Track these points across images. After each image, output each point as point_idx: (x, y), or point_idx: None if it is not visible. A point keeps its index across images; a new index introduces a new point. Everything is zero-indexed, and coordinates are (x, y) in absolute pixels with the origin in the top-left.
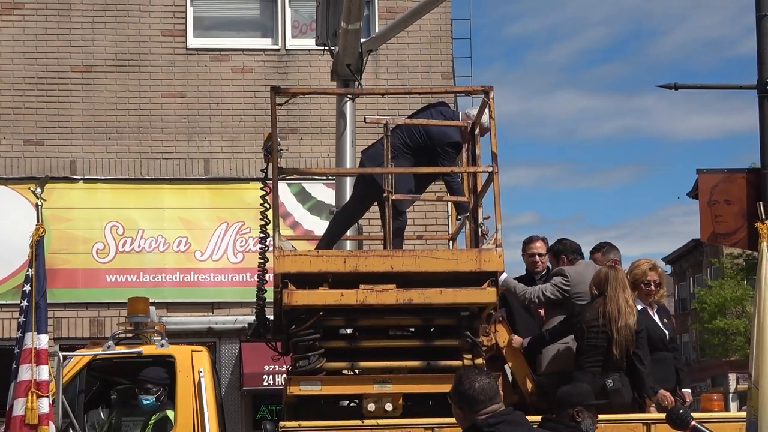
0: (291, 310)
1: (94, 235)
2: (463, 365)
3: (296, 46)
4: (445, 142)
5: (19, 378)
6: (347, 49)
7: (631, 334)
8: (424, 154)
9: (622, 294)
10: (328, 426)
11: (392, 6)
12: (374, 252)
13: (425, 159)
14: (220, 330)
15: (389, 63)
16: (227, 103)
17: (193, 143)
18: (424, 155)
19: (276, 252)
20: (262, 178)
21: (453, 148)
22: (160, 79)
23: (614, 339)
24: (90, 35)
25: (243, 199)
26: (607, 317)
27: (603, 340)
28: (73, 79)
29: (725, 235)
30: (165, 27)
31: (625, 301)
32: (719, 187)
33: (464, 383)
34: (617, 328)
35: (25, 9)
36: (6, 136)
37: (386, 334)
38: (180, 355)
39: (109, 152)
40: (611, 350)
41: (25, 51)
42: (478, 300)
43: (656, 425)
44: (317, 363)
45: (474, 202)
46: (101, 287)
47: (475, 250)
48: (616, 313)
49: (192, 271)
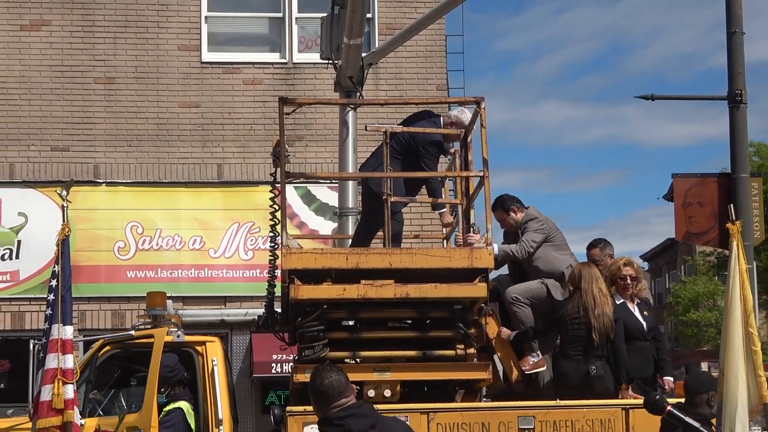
0: (297, 303)
1: (115, 235)
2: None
3: (302, 60)
4: (427, 141)
5: (46, 366)
6: (349, 63)
7: (610, 321)
8: (411, 154)
9: (596, 285)
10: None
11: (391, 23)
12: (374, 250)
13: (412, 159)
14: (232, 322)
15: (388, 75)
16: (238, 113)
17: (207, 149)
18: (411, 156)
19: (284, 250)
20: (270, 181)
21: (434, 147)
22: (176, 90)
23: (593, 326)
24: (112, 50)
25: (253, 201)
26: (585, 308)
27: (583, 330)
28: (96, 90)
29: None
30: (181, 42)
31: (599, 291)
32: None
33: (316, 379)
34: (595, 316)
35: (52, 25)
36: (34, 143)
37: (385, 326)
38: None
39: (130, 158)
40: (591, 337)
41: (52, 64)
42: (469, 294)
43: (634, 410)
44: (321, 352)
45: (466, 203)
46: (122, 282)
47: (467, 249)
48: (592, 303)
49: (206, 267)
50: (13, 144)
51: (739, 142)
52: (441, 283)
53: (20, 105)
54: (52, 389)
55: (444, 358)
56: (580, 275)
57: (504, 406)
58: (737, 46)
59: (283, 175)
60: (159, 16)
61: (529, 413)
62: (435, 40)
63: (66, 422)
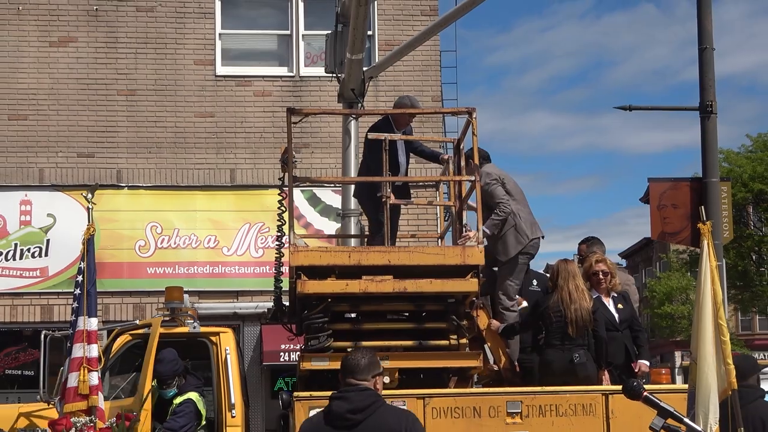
0: (304, 297)
1: (136, 234)
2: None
3: (308, 74)
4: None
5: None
6: (351, 76)
7: (588, 314)
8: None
9: (573, 282)
10: None
11: (390, 39)
12: (374, 248)
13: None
14: (244, 314)
15: (387, 87)
16: (250, 122)
17: (221, 156)
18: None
19: (291, 248)
20: (279, 185)
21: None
22: (192, 101)
23: (570, 319)
24: (133, 64)
25: (263, 203)
26: (562, 302)
27: (562, 322)
28: (119, 101)
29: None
30: (197, 57)
31: (575, 287)
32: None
33: (348, 353)
34: (571, 310)
35: (78, 42)
36: (62, 150)
37: (384, 318)
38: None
39: (150, 163)
40: (567, 329)
41: (78, 77)
42: (462, 289)
43: (613, 395)
44: (326, 342)
45: (459, 206)
46: (143, 278)
47: (460, 247)
48: (568, 298)
49: (220, 264)
50: (43, 151)
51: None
52: (436, 278)
53: (49, 115)
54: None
55: (438, 347)
56: (558, 272)
57: (494, 391)
58: (708, 60)
59: (290, 180)
60: (177, 33)
61: (516, 398)
62: (430, 56)
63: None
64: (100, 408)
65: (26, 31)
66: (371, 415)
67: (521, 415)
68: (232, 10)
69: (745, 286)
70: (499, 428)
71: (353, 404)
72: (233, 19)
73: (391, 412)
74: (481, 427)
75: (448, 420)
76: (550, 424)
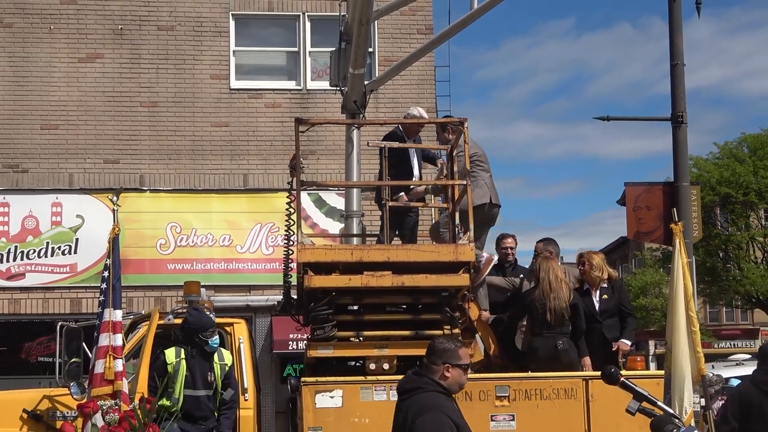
0: (310, 291)
1: (158, 233)
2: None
3: (314, 87)
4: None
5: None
6: (354, 89)
7: (564, 303)
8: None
9: (552, 274)
10: (339, 381)
11: (389, 56)
12: (375, 246)
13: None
14: (256, 306)
15: (386, 100)
16: (261, 131)
17: (235, 162)
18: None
19: (299, 246)
20: (288, 189)
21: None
22: (209, 112)
23: (549, 308)
24: (155, 78)
25: (273, 205)
26: (543, 293)
27: (545, 311)
28: (141, 112)
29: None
30: (213, 72)
31: (555, 279)
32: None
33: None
34: (551, 299)
35: (104, 58)
36: (90, 157)
37: (384, 310)
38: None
39: (170, 169)
40: (546, 317)
41: (105, 90)
42: (455, 283)
43: (593, 381)
44: (331, 332)
45: (452, 208)
46: (163, 273)
47: (453, 245)
48: (548, 289)
49: (234, 260)
50: (72, 157)
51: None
52: (431, 273)
53: (78, 125)
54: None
55: (433, 336)
56: (539, 267)
57: (484, 377)
58: (679, 75)
59: (298, 184)
60: (194, 50)
61: (504, 383)
62: (425, 71)
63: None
64: (124, 392)
65: (57, 48)
66: (409, 398)
67: (509, 399)
68: (245, 29)
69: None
70: (489, 410)
71: (401, 385)
72: (246, 37)
73: (416, 403)
74: (472, 410)
75: None
76: (535, 406)
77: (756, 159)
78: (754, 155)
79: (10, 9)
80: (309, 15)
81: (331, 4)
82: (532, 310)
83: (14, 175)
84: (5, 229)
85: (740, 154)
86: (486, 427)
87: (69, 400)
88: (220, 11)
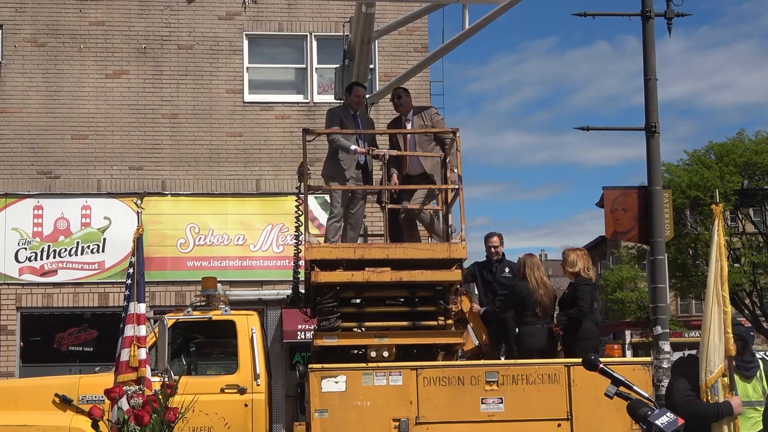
0: (317, 285)
1: (178, 233)
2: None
3: (321, 100)
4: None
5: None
6: None
7: (553, 295)
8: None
9: (537, 271)
10: (343, 367)
11: (388, 72)
12: (375, 245)
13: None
14: (267, 300)
15: (386, 111)
16: (272, 140)
17: (248, 168)
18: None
19: (306, 245)
20: (296, 193)
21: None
22: (225, 123)
23: (537, 301)
24: (176, 92)
25: (283, 208)
26: (532, 288)
27: (534, 303)
28: (163, 123)
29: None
30: (228, 86)
31: (540, 275)
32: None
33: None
34: (540, 294)
35: (129, 74)
36: (116, 164)
37: (384, 303)
38: (239, 319)
39: (189, 175)
40: (535, 310)
41: (130, 104)
42: (448, 278)
43: (574, 367)
44: (335, 323)
45: (445, 209)
46: (183, 270)
47: (446, 243)
48: (536, 284)
49: (247, 258)
50: (100, 164)
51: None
52: (426, 269)
53: (105, 135)
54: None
55: (429, 327)
56: (524, 264)
57: (475, 363)
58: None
59: (306, 188)
60: (211, 67)
61: (493, 369)
62: (421, 85)
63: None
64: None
65: (86, 65)
66: None
67: (497, 383)
68: (257, 48)
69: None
70: (479, 394)
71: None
72: (258, 55)
73: None
74: (464, 394)
75: (436, 387)
76: (522, 390)
77: (722, 165)
78: (720, 161)
79: (44, 30)
80: (315, 35)
81: (335, 24)
82: (520, 303)
83: (48, 181)
84: (39, 230)
85: (708, 160)
86: (477, 409)
87: (97, 386)
88: (235, 32)
